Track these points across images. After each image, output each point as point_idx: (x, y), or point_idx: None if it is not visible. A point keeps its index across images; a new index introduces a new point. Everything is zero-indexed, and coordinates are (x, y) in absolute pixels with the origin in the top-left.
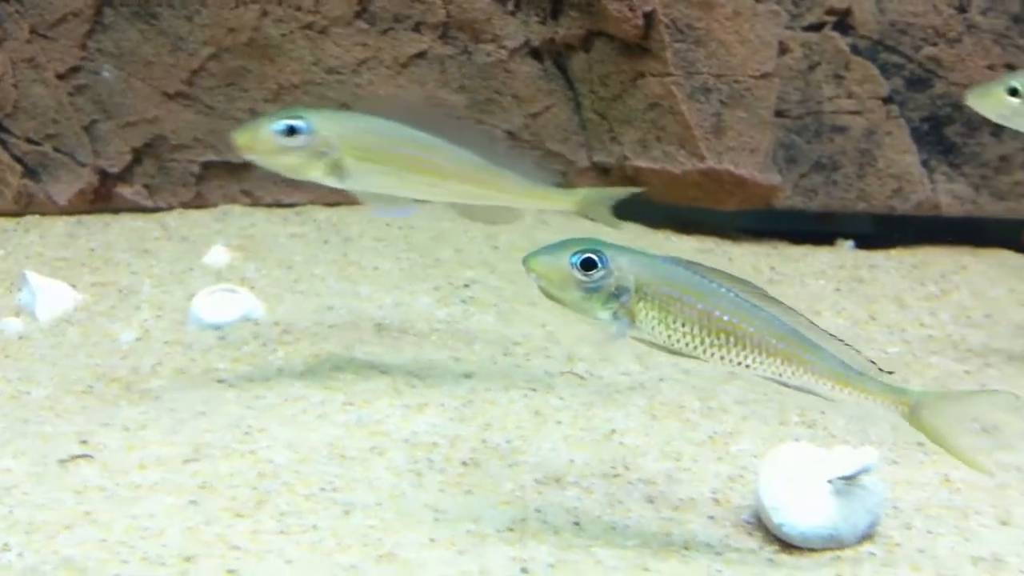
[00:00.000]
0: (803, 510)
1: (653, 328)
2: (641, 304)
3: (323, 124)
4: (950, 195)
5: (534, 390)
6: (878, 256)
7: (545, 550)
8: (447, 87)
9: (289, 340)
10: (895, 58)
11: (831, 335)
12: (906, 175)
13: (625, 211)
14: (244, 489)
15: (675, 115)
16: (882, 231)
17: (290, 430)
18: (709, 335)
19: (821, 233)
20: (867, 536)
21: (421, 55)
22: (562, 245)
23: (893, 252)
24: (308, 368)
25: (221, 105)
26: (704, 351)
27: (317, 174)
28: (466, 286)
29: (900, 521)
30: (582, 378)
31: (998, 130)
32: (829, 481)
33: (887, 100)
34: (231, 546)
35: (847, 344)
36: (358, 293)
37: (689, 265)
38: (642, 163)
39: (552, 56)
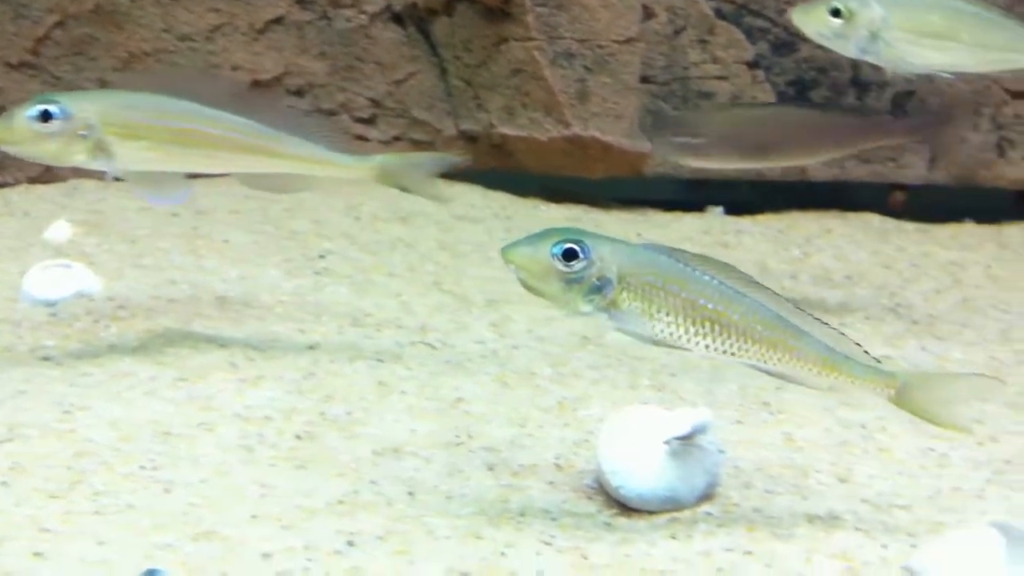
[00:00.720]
0: (641, 472)
1: (637, 318)
2: (624, 295)
3: (79, 105)
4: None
5: (381, 361)
6: (745, 222)
7: (375, 522)
8: (306, 54)
9: (124, 316)
10: (760, 22)
11: (817, 319)
12: None
13: (496, 181)
14: (59, 469)
15: (539, 81)
16: (758, 198)
17: (115, 408)
18: (694, 324)
19: (697, 202)
20: (706, 497)
21: (278, 21)
22: (542, 235)
23: (760, 217)
24: (141, 344)
25: (68, 75)
26: (689, 340)
27: (81, 158)
28: (321, 257)
29: (740, 481)
30: (434, 348)
31: (863, 94)
32: (665, 442)
33: (752, 65)
34: (41, 528)
35: (833, 328)
36: (203, 267)
37: (672, 253)
38: (508, 130)
39: (415, 21)
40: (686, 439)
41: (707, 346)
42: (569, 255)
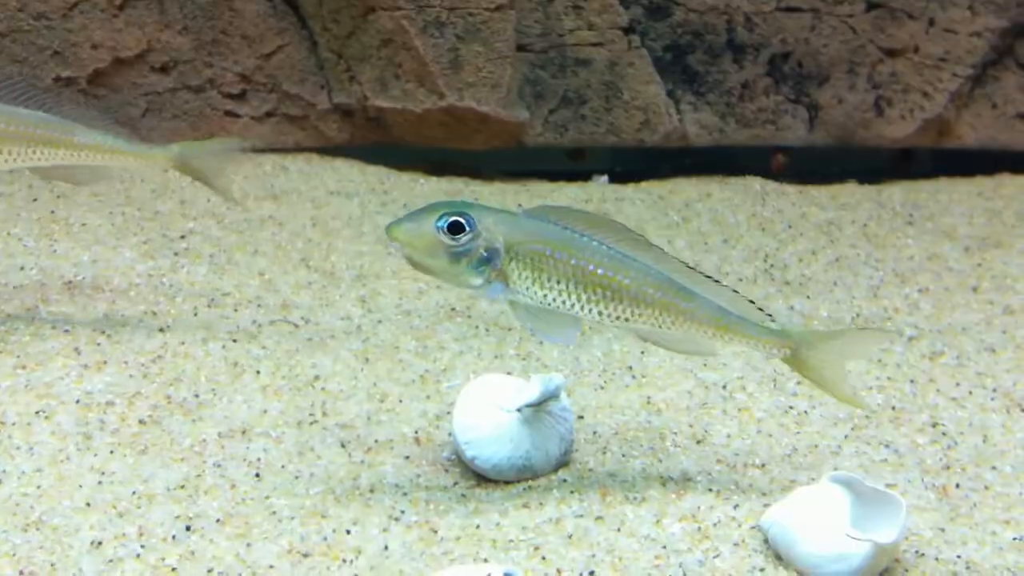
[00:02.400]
0: (494, 442)
1: (528, 288)
2: (513, 264)
3: None
4: (697, 125)
5: (235, 341)
6: (627, 189)
7: (216, 505)
8: (169, 29)
9: None
10: None
11: (709, 276)
12: (652, 106)
13: (378, 155)
14: None
15: (410, 51)
16: (645, 167)
17: None
18: (585, 290)
19: (585, 171)
20: (563, 463)
21: None
22: (426, 210)
23: (643, 185)
24: None
25: None
26: (581, 308)
27: None
28: (182, 237)
29: (597, 446)
30: (296, 326)
31: (740, 56)
32: (517, 409)
33: (628, 30)
34: None
35: (726, 286)
36: (55, 251)
37: (562, 214)
38: (383, 103)
39: None
40: (537, 405)
41: (600, 312)
42: (455, 228)
